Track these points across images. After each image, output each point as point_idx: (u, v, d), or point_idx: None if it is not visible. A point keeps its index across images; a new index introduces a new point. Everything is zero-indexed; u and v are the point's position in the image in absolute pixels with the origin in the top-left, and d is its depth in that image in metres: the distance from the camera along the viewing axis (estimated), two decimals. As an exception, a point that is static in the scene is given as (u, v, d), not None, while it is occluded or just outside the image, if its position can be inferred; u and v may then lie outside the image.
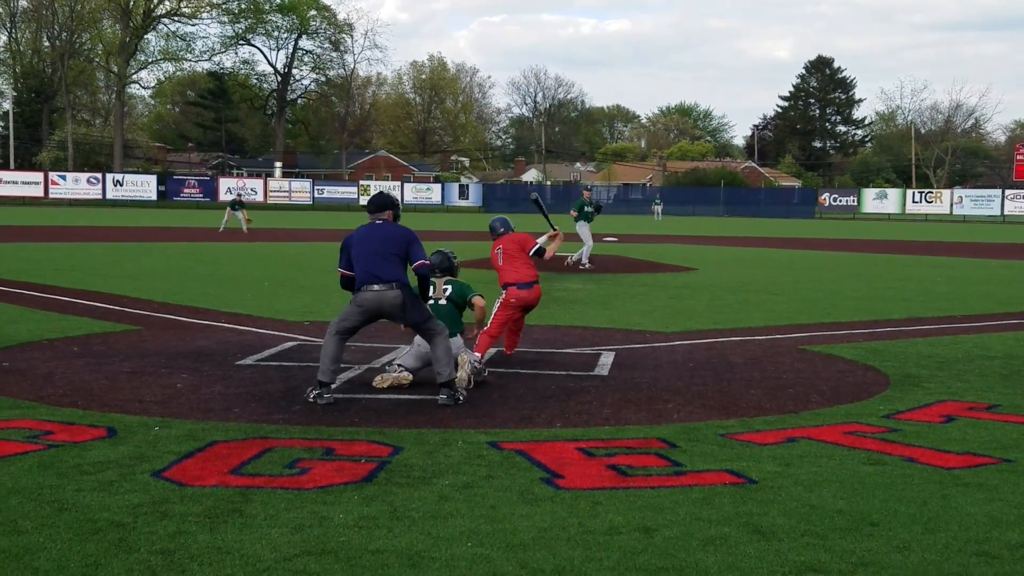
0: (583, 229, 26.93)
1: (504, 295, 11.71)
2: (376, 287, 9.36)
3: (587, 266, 26.39)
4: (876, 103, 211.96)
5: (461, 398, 9.49)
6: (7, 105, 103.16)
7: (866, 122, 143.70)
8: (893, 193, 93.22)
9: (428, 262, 9.71)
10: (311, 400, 9.36)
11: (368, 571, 5.26)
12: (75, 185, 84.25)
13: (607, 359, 12.07)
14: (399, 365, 10.30)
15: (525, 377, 10.86)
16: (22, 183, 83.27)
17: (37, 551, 5.43)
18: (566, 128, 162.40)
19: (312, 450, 7.61)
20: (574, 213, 27.22)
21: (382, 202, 9.88)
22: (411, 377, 10.22)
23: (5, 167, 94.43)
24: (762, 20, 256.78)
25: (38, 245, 32.59)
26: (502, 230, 12.13)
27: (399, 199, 10.15)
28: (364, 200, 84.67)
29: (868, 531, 5.99)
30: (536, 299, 11.87)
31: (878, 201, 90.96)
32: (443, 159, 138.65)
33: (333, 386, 9.59)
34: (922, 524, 6.14)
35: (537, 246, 11.92)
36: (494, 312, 11.65)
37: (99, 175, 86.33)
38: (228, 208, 46.24)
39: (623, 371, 11.31)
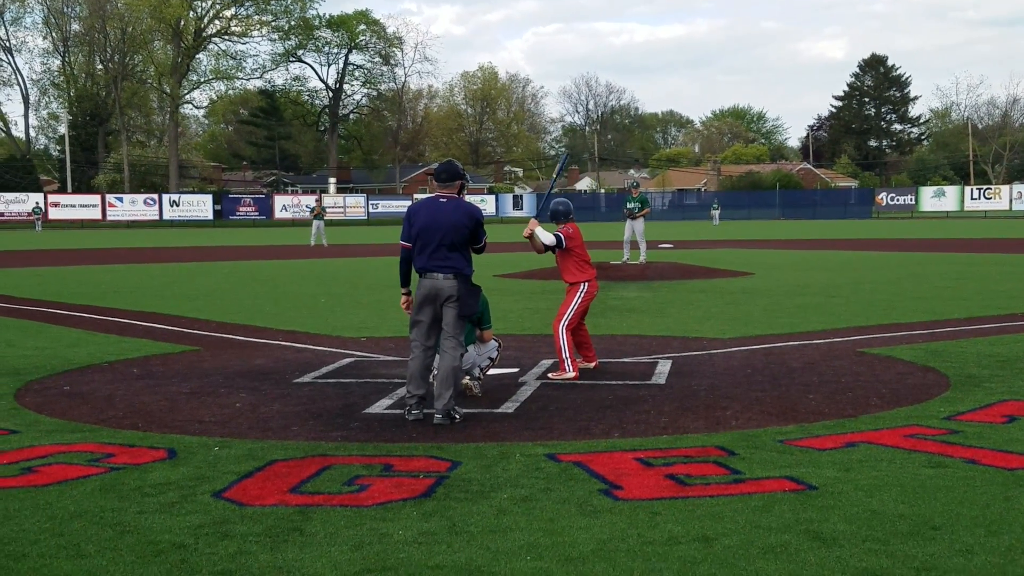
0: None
1: (588, 287, 11.76)
2: (435, 275, 9.33)
3: (620, 263, 28.10)
4: (932, 100, 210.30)
5: (457, 417, 9.25)
6: (63, 129, 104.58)
7: (922, 120, 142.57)
8: (951, 190, 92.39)
9: (485, 243, 9.69)
10: (410, 418, 9.27)
11: (427, 587, 5.27)
12: (132, 207, 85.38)
13: (664, 367, 12.02)
14: (470, 377, 10.30)
15: (582, 387, 10.84)
16: (80, 206, 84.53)
17: (100, 574, 5.48)
18: (619, 135, 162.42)
19: (371, 467, 7.63)
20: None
21: (454, 171, 9.61)
22: (477, 391, 10.27)
23: (63, 191, 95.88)
24: (815, 21, 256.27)
25: (97, 268, 33.00)
26: (572, 215, 12.09)
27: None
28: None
29: (930, 535, 5.92)
30: None
31: (936, 199, 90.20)
32: (496, 170, 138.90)
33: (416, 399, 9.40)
34: (985, 527, 6.05)
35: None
36: (576, 305, 11.70)
37: (155, 196, 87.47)
38: (315, 221, 47.04)
39: (680, 379, 11.25)
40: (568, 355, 11.42)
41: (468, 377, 10.25)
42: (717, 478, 7.23)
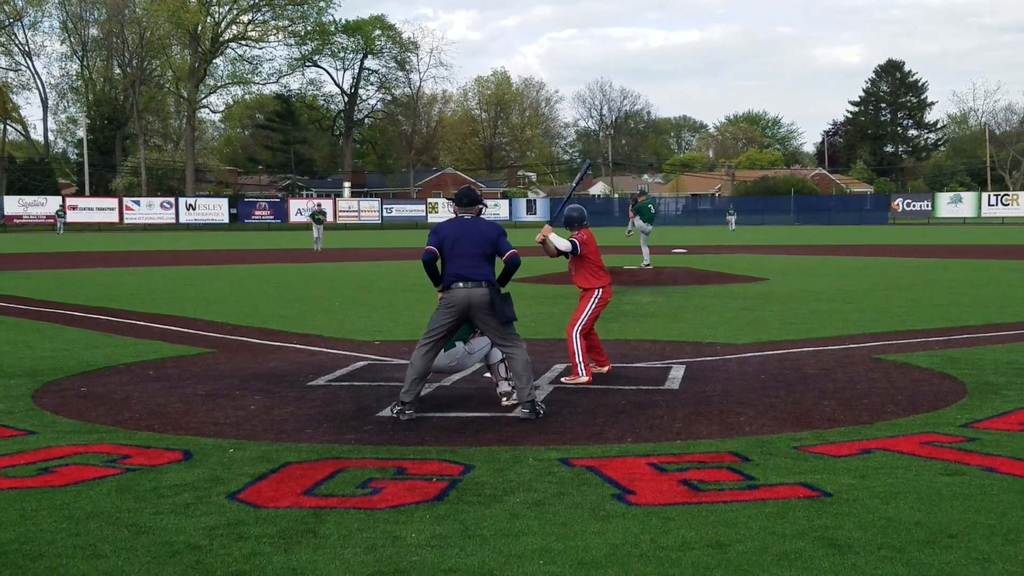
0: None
1: (602, 293, 11.75)
2: (467, 284, 9.44)
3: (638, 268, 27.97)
4: (948, 106, 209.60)
5: (541, 412, 9.50)
6: (81, 133, 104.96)
7: (939, 125, 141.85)
8: (968, 197, 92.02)
9: (516, 251, 9.70)
10: (394, 415, 9.46)
11: (441, 590, 5.28)
12: (149, 210, 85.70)
13: (678, 372, 12.00)
14: (505, 396, 10.19)
15: (595, 392, 10.83)
16: (97, 209, 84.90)
17: (116, 574, 5.50)
18: (633, 140, 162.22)
19: (384, 470, 7.64)
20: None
21: (473, 197, 9.97)
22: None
23: (81, 194, 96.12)
24: (832, 26, 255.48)
25: (114, 270, 33.11)
26: (585, 221, 12.04)
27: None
28: (432, 217, 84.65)
29: (947, 543, 5.89)
30: None
31: (952, 205, 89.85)
32: (510, 175, 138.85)
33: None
34: (1002, 535, 6.02)
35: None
36: (590, 311, 11.68)
37: (172, 200, 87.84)
38: (316, 226, 46.79)
39: (694, 384, 11.24)
40: (581, 360, 11.42)
41: (505, 397, 10.14)
42: (731, 484, 7.21)
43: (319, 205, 55.42)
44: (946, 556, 5.68)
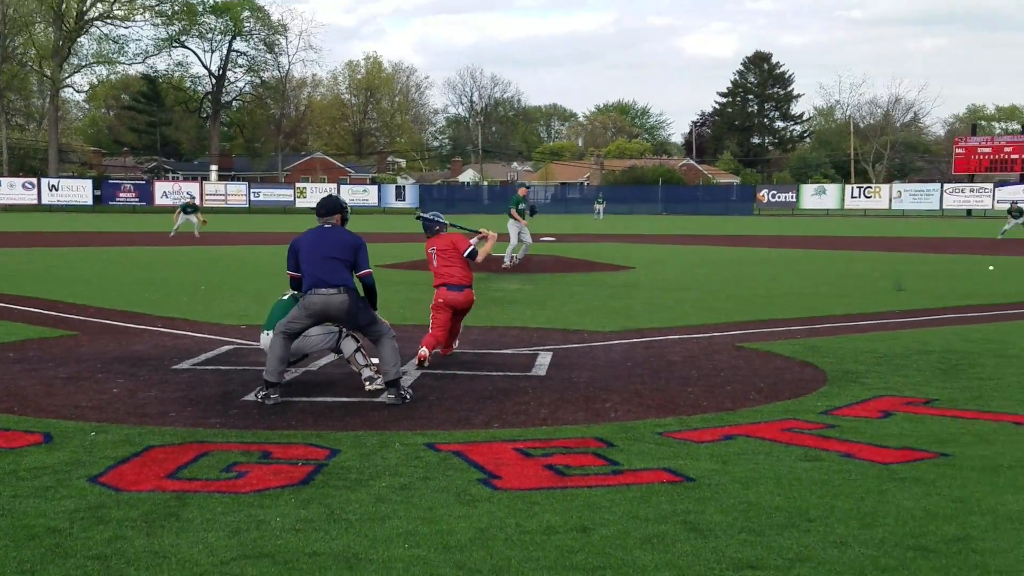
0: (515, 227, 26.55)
1: (434, 296, 11.78)
2: (323, 291, 9.40)
3: (512, 263, 26.04)
4: (815, 98, 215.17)
5: (408, 396, 9.51)
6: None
7: (804, 117, 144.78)
8: (832, 188, 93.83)
9: (371, 270, 9.72)
10: (259, 400, 9.35)
11: (305, 574, 5.25)
12: (10, 190, 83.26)
13: (544, 359, 12.08)
14: (369, 380, 10.09)
15: (462, 378, 10.85)
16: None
17: (-31, 560, 5.36)
18: (503, 127, 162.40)
19: (249, 453, 7.57)
20: (513, 210, 26.47)
21: (332, 206, 9.97)
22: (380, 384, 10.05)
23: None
24: (702, 17, 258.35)
25: (-30, 251, 32.14)
26: (437, 228, 12.10)
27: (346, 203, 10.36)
28: (300, 202, 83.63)
29: (805, 527, 6.03)
30: (465, 303, 12.01)
31: (817, 197, 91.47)
32: (379, 160, 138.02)
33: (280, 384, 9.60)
34: (859, 519, 6.19)
35: (471, 248, 11.93)
36: (431, 317, 11.73)
37: (34, 180, 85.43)
38: (179, 211, 44.86)
39: (561, 371, 11.32)
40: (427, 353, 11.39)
41: (369, 382, 10.04)
42: (596, 469, 7.29)
43: (191, 197, 54.43)
44: (804, 539, 5.82)
